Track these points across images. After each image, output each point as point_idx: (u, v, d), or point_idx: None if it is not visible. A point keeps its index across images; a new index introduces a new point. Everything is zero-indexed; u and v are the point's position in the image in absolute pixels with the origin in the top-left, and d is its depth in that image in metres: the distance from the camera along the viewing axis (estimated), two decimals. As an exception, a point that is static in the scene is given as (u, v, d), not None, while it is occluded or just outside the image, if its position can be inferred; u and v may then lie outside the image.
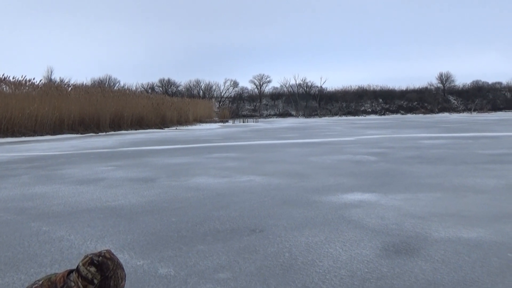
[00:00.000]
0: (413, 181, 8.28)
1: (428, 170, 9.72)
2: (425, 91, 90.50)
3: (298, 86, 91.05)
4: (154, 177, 9.45)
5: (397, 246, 4.43)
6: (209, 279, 3.67)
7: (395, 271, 3.76)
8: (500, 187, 7.55)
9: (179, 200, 6.96)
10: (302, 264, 3.98)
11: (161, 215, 5.96)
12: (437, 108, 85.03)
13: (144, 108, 40.78)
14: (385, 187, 7.72)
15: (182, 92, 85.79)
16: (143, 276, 3.75)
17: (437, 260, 4.01)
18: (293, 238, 4.78)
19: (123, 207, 6.55)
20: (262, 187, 7.97)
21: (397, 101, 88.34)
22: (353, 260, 4.03)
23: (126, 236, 4.99)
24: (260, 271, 3.82)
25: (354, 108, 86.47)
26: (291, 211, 6.04)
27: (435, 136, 21.24)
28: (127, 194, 7.61)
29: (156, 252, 4.40)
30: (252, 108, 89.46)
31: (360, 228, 5.13)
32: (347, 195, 7.07)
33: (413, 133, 24.31)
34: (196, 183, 8.62)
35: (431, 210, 5.92)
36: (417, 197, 6.81)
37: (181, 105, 50.91)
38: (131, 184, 8.66)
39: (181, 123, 47.54)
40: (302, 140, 20.66)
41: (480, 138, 19.45)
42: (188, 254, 4.33)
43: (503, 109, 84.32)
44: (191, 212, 6.14)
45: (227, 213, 5.99)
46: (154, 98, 48.59)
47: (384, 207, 6.20)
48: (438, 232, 4.89)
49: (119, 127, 36.28)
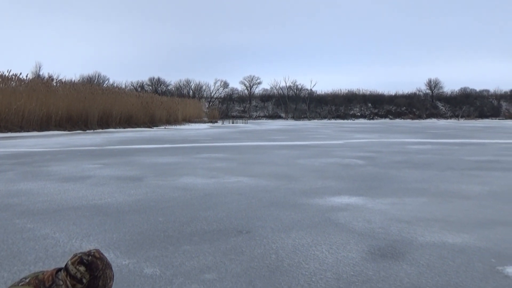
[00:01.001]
0: (400, 186, 8.34)
1: (415, 175, 9.80)
2: (413, 96, 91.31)
3: (288, 89, 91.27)
4: (141, 176, 9.39)
5: (383, 250, 4.46)
6: (195, 279, 3.66)
7: (381, 274, 3.78)
8: (485, 193, 7.63)
9: (166, 200, 6.93)
10: (289, 266, 3.98)
11: (148, 215, 5.93)
12: (425, 114, 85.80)
13: (133, 107, 40.54)
14: (372, 191, 7.76)
15: (172, 91, 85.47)
16: (128, 276, 3.72)
17: (422, 264, 4.04)
18: (280, 240, 4.78)
19: (110, 205, 6.51)
20: (250, 189, 7.97)
21: (386, 106, 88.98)
22: (339, 263, 4.05)
23: (112, 235, 4.96)
24: (246, 273, 3.81)
25: (343, 112, 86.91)
26: (279, 213, 6.05)
27: (422, 142, 21.42)
28: (113, 192, 7.56)
29: (142, 252, 4.37)
30: (242, 109, 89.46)
31: (347, 231, 5.15)
32: (334, 198, 7.10)
33: (401, 138, 24.49)
34: (184, 183, 8.59)
35: (417, 215, 5.97)
36: (403, 202, 6.86)
37: (170, 105, 50.73)
38: (118, 182, 8.60)
39: (170, 122, 47.38)
40: (291, 143, 20.70)
41: (467, 144, 19.67)
42: (174, 254, 4.31)
43: (489, 116, 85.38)
44: (178, 212, 6.11)
45: (214, 214, 5.98)
46: (144, 96, 48.35)
47: (371, 210, 6.24)
48: (423, 237, 4.93)
49: (108, 125, 36.03)
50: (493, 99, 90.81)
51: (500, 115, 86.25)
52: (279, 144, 19.85)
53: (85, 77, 71.85)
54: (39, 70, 63.41)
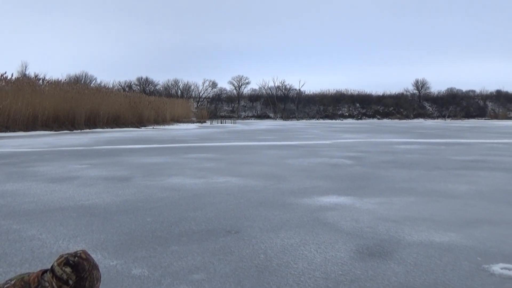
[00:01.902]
0: (387, 185, 8.40)
1: (403, 174, 9.88)
2: (401, 97, 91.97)
3: (276, 89, 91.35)
4: (129, 177, 9.34)
5: (371, 249, 4.48)
6: (183, 280, 3.65)
7: (369, 273, 3.80)
8: (471, 192, 7.72)
9: (155, 200, 6.90)
10: (277, 266, 3.99)
11: (136, 215, 5.89)
12: (413, 114, 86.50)
13: (120, 106, 40.24)
14: (360, 191, 7.80)
15: (160, 91, 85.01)
16: (116, 277, 3.70)
17: (409, 263, 4.07)
18: (268, 240, 4.79)
19: (97, 206, 6.46)
20: (238, 189, 7.96)
21: (373, 106, 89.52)
22: (327, 263, 4.06)
23: (100, 236, 4.92)
24: (235, 273, 3.81)
25: (331, 112, 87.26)
26: (267, 213, 6.05)
27: (410, 142, 21.60)
28: (101, 193, 7.50)
29: (130, 252, 4.34)
30: (230, 109, 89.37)
31: (335, 231, 5.17)
32: (322, 198, 7.13)
33: (388, 138, 24.66)
34: (172, 183, 8.56)
35: (404, 214, 6.02)
36: (391, 201, 6.90)
37: (158, 104, 50.46)
38: (106, 183, 8.54)
39: (159, 122, 47.13)
40: (279, 143, 20.73)
41: (453, 144, 19.87)
42: (162, 254, 4.29)
43: (475, 117, 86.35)
44: (166, 212, 6.09)
45: (203, 214, 5.97)
46: (131, 96, 48.02)
47: (359, 210, 6.27)
48: (411, 236, 4.97)
49: (95, 125, 35.71)
50: (479, 99, 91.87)
51: (486, 115, 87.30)
52: (268, 144, 19.87)
53: (72, 76, 71.15)
54: (25, 69, 62.62)
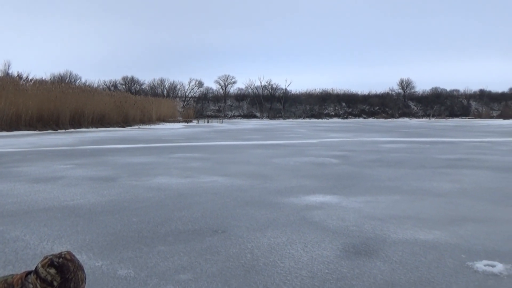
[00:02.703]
0: (373, 184, 8.46)
1: (388, 173, 9.96)
2: (386, 96, 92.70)
3: (263, 88, 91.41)
4: (114, 176, 9.26)
5: (357, 247, 4.51)
6: (169, 280, 3.63)
7: (355, 272, 3.83)
8: (455, 190, 7.81)
9: (140, 200, 6.85)
10: (264, 265, 3.99)
11: (122, 215, 5.85)
12: (398, 113, 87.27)
13: (106, 106, 39.90)
14: (346, 190, 7.85)
15: (145, 90, 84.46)
16: (102, 278, 3.67)
17: (395, 261, 4.11)
18: (255, 239, 4.79)
19: (82, 206, 6.39)
20: (225, 188, 7.95)
21: (359, 105, 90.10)
22: (314, 261, 4.08)
23: (85, 237, 4.87)
24: (221, 272, 3.80)
25: (317, 111, 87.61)
26: (254, 212, 6.05)
27: (395, 141, 21.78)
28: (86, 193, 7.43)
29: (116, 253, 4.31)
30: (217, 109, 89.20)
31: (322, 230, 5.19)
32: (309, 197, 7.15)
33: (374, 137, 24.85)
34: (158, 183, 8.51)
35: (390, 213, 6.07)
36: (377, 200, 6.96)
37: (144, 104, 50.15)
38: (91, 183, 8.46)
39: (144, 122, 46.84)
40: (266, 142, 20.75)
41: (438, 143, 20.09)
42: (148, 255, 4.27)
43: (459, 116, 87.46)
44: (152, 212, 6.05)
45: (189, 214, 5.95)
46: (117, 96, 47.64)
47: (345, 209, 6.31)
48: (396, 234, 5.01)
49: (80, 124, 35.35)
50: (463, 98, 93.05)
51: (469, 114, 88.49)
52: (254, 143, 19.88)
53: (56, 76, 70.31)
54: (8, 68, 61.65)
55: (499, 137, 24.58)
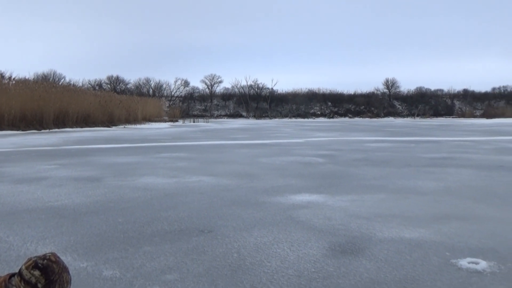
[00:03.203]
0: (359, 183, 8.51)
1: (374, 172, 10.03)
2: (372, 96, 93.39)
3: (249, 87, 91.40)
4: (99, 177, 9.18)
5: (343, 246, 4.53)
6: (156, 280, 3.61)
7: (341, 270, 3.85)
8: (440, 189, 7.90)
9: (126, 200, 6.80)
10: (251, 264, 3.99)
11: (107, 216, 5.80)
12: (383, 113, 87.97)
13: (90, 105, 39.51)
14: (332, 189, 7.88)
15: (131, 90, 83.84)
16: (87, 279, 3.63)
17: (380, 259, 4.14)
18: (241, 239, 4.79)
19: (66, 207, 6.32)
20: (211, 188, 7.93)
21: (345, 105, 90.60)
22: (300, 260, 4.09)
23: (69, 238, 4.82)
24: (208, 272, 3.79)
25: (303, 111, 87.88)
26: (240, 212, 6.05)
27: (380, 140, 21.95)
28: (70, 193, 7.35)
29: (101, 254, 4.27)
30: (203, 108, 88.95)
31: (308, 229, 5.21)
32: (295, 196, 7.17)
33: (360, 136, 25.01)
34: (144, 183, 8.46)
35: (375, 211, 6.11)
36: (362, 199, 7.00)
37: (130, 103, 49.79)
38: (75, 183, 8.37)
39: (130, 121, 46.50)
40: (252, 141, 20.75)
41: (422, 142, 20.30)
42: (134, 255, 4.24)
43: (444, 115, 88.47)
44: (138, 212, 6.01)
45: (176, 214, 5.92)
46: (102, 95, 47.21)
47: (331, 208, 6.34)
48: (382, 232, 5.05)
49: (64, 124, 34.95)
50: (447, 98, 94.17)
51: (453, 113, 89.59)
52: (241, 143, 19.86)
53: (40, 75, 69.48)
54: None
55: (482, 136, 24.93)
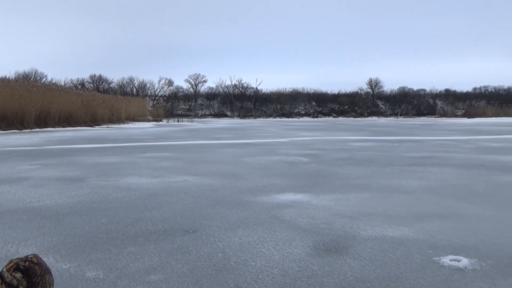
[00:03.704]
0: (343, 182, 8.57)
1: (357, 171, 10.10)
2: (355, 95, 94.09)
3: (233, 87, 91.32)
4: (82, 177, 9.08)
5: (327, 245, 4.56)
6: (140, 281, 3.58)
7: (326, 269, 3.87)
8: (422, 188, 7.99)
9: (109, 201, 6.74)
10: (235, 264, 3.99)
11: (90, 216, 5.74)
12: (367, 112, 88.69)
13: (73, 105, 39.05)
14: (316, 188, 7.92)
15: (114, 89, 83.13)
16: (70, 280, 3.59)
17: (364, 257, 4.17)
18: (226, 238, 4.78)
19: (49, 208, 6.24)
20: (196, 188, 7.91)
21: (329, 105, 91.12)
22: (285, 259, 4.10)
23: (52, 239, 4.76)
24: (192, 272, 3.78)
25: (288, 110, 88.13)
26: (225, 212, 6.04)
27: (364, 139, 22.12)
28: (53, 194, 7.25)
29: (84, 255, 4.22)
30: (187, 108, 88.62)
31: (292, 228, 5.22)
32: (280, 196, 7.18)
33: (344, 136, 25.17)
34: (128, 183, 8.39)
35: (359, 210, 6.16)
36: (346, 198, 7.05)
37: (113, 103, 49.35)
38: (58, 184, 8.26)
39: (113, 121, 46.09)
40: (237, 141, 20.73)
41: (405, 141, 20.52)
42: (118, 256, 4.20)
43: (426, 114, 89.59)
44: (122, 212, 5.96)
45: (160, 214, 5.88)
46: (84, 94, 46.75)
47: (316, 207, 6.36)
48: (365, 231, 5.09)
49: (46, 124, 34.48)
50: (429, 98, 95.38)
51: (435, 113, 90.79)
52: (225, 142, 19.84)
53: (21, 74, 68.46)
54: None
55: (464, 136, 25.30)
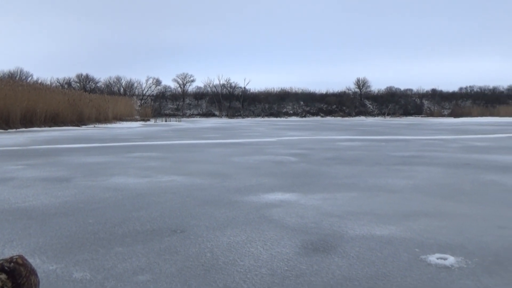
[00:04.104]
0: (331, 181, 8.60)
1: (345, 170, 10.15)
2: (343, 95, 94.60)
3: (222, 87, 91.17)
4: (69, 177, 8.99)
5: (315, 244, 4.57)
6: (127, 281, 3.56)
7: (314, 268, 3.88)
8: (409, 187, 8.06)
9: (97, 201, 6.69)
10: (224, 264, 3.98)
11: (77, 217, 5.69)
12: (354, 112, 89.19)
13: (59, 104, 38.69)
14: (305, 187, 7.94)
15: (101, 88, 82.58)
16: (56, 281, 3.55)
17: (352, 256, 4.19)
18: (214, 238, 4.77)
19: (35, 208, 6.17)
20: (184, 187, 7.88)
21: (317, 104, 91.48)
22: (273, 259, 4.10)
23: (38, 240, 4.70)
24: (181, 272, 3.77)
25: (276, 110, 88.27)
26: (213, 211, 6.03)
27: (352, 139, 22.24)
28: (39, 194, 7.18)
29: (71, 256, 4.18)
30: (175, 107, 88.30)
31: (281, 227, 5.23)
32: (268, 195, 7.19)
33: (331, 135, 25.27)
34: (115, 183, 8.33)
35: (347, 209, 6.19)
36: (334, 197, 7.08)
37: (100, 102, 49.02)
38: (44, 184, 8.18)
39: (100, 121, 45.77)
40: (225, 141, 20.71)
41: (392, 141, 20.67)
42: (105, 256, 4.17)
43: (413, 114, 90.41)
44: (109, 213, 5.92)
45: (148, 214, 5.85)
46: (71, 93, 46.37)
47: (304, 206, 6.38)
48: (353, 230, 5.12)
49: (32, 123, 34.12)
50: (416, 98, 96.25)
51: (422, 113, 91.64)
52: (213, 142, 19.80)
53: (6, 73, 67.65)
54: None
55: (450, 135, 25.56)
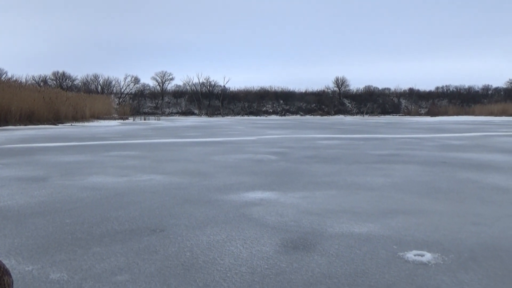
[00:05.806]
0: (310, 180, 8.65)
1: (324, 169, 10.22)
2: (322, 94, 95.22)
3: (201, 85, 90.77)
4: (45, 176, 8.84)
5: (295, 242, 4.59)
6: (106, 282, 3.52)
7: (293, 266, 3.90)
8: (387, 184, 8.16)
9: (74, 201, 6.59)
10: (203, 263, 3.97)
11: (53, 217, 5.59)
12: (333, 111, 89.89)
13: (35, 102, 37.99)
14: (284, 186, 7.97)
15: (78, 86, 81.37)
16: (33, 282, 3.49)
17: (331, 254, 4.22)
18: (194, 237, 4.75)
19: (10, 208, 6.04)
20: (163, 186, 7.82)
21: (296, 103, 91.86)
22: (253, 257, 4.11)
23: (13, 240, 4.61)
24: (160, 272, 3.74)
25: (256, 109, 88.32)
26: (193, 210, 6.00)
27: (331, 137, 22.41)
28: (14, 194, 7.03)
29: (48, 256, 4.11)
30: (154, 106, 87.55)
31: (261, 226, 5.24)
32: (248, 194, 7.19)
33: (311, 134, 25.42)
34: (93, 182, 8.22)
35: (326, 207, 6.23)
36: (314, 195, 7.12)
37: (77, 100, 48.31)
38: (19, 183, 8.02)
39: (77, 119, 45.10)
40: (204, 139, 20.63)
41: (371, 139, 20.90)
42: (83, 257, 4.11)
43: (391, 113, 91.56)
44: (87, 212, 5.83)
45: (126, 213, 5.79)
46: (47, 91, 45.55)
47: (284, 204, 6.40)
48: (333, 228, 5.16)
49: (6, 122, 33.43)
50: (394, 96, 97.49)
51: (400, 111, 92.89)
52: (193, 141, 19.70)
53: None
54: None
55: (427, 134, 25.98)
